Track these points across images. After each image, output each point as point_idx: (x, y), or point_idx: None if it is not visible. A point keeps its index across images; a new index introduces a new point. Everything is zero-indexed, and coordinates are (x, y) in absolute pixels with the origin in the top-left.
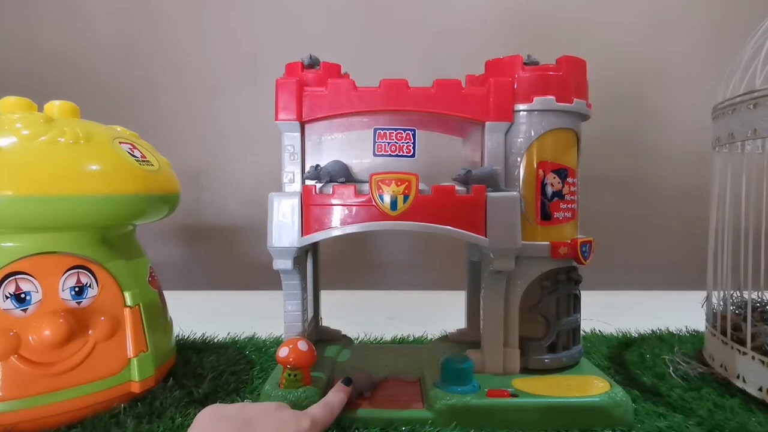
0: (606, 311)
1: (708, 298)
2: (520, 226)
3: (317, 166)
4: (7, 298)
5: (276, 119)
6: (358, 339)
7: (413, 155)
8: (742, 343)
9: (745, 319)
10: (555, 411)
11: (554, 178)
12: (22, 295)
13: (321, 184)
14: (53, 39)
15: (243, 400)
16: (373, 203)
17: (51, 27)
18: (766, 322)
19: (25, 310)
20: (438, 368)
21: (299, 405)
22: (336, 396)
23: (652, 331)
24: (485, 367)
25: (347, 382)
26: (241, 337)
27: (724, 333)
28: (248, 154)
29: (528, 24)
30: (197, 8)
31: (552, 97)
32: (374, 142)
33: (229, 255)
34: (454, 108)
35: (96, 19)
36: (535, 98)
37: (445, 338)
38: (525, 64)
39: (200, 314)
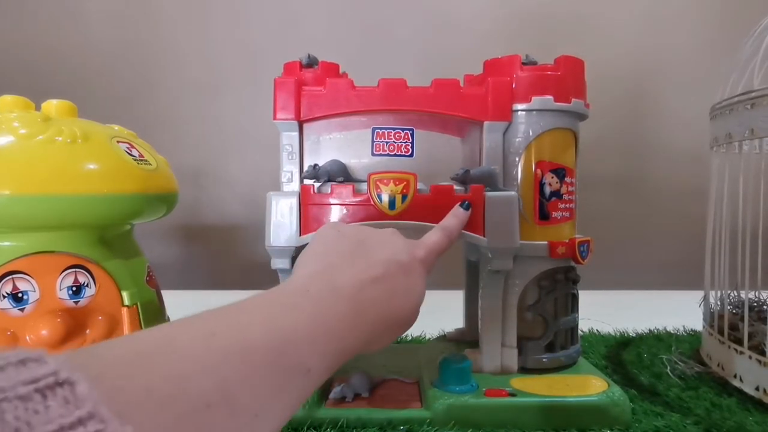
0: (604, 311)
1: (705, 298)
2: (518, 225)
3: (315, 165)
4: (4, 297)
5: (274, 118)
6: None
7: (411, 155)
8: (740, 342)
9: (742, 319)
10: (553, 410)
11: (552, 177)
12: (20, 295)
13: (319, 184)
14: (51, 37)
15: None
16: (372, 203)
17: (49, 25)
18: (763, 321)
19: (22, 310)
20: (436, 368)
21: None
22: (452, 220)
23: (650, 330)
24: (483, 367)
25: (466, 206)
26: None
27: (721, 332)
28: (247, 154)
29: (526, 24)
30: (196, 7)
31: (550, 97)
32: (372, 141)
33: (227, 254)
34: (452, 108)
35: (94, 17)
36: (534, 98)
37: (443, 338)
38: (523, 63)
39: None
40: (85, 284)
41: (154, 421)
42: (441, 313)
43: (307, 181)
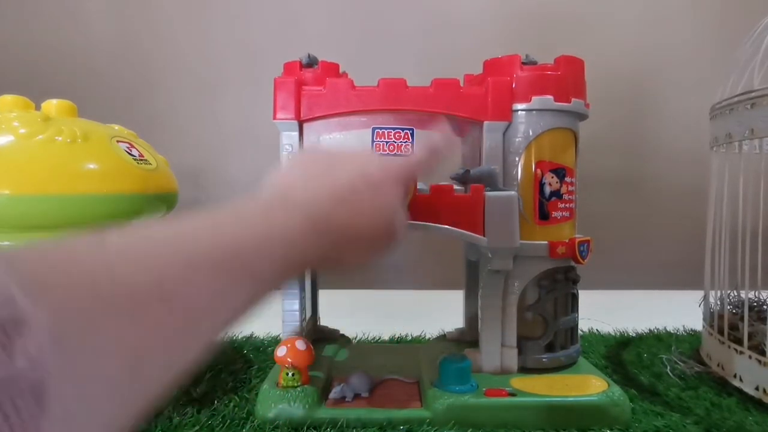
0: (604, 311)
1: (705, 298)
2: (518, 225)
3: None
4: None
5: (274, 118)
6: (356, 338)
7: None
8: (739, 342)
9: (742, 319)
10: (553, 410)
11: (552, 177)
12: None
13: None
14: (51, 37)
15: (241, 400)
16: None
17: (48, 25)
18: (763, 321)
19: None
20: (436, 368)
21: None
22: (440, 139)
23: (650, 330)
24: (483, 367)
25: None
26: (239, 337)
27: (721, 332)
28: (247, 154)
29: (526, 24)
30: (196, 7)
31: (550, 97)
32: (372, 141)
33: None
34: (452, 107)
35: (94, 17)
36: (534, 98)
37: (443, 338)
38: (523, 63)
39: None
40: None
41: (76, 307)
42: (441, 313)
43: None
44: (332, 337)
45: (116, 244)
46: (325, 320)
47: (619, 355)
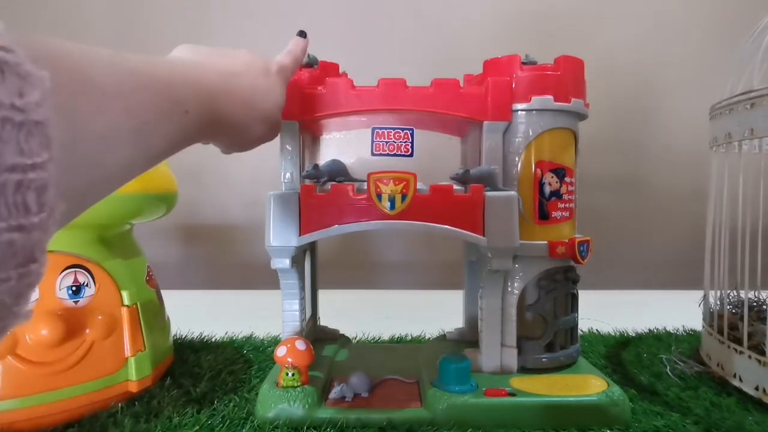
0: (603, 310)
1: (705, 298)
2: (518, 225)
3: (315, 165)
4: None
5: None
6: (356, 338)
7: (411, 154)
8: (739, 342)
9: (741, 319)
10: (552, 410)
11: (552, 177)
12: None
13: (319, 184)
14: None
15: (241, 400)
16: (371, 202)
17: (48, 25)
18: (763, 321)
19: None
20: (436, 368)
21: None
22: (295, 44)
23: (650, 330)
24: (483, 367)
25: (302, 34)
26: (239, 337)
27: (720, 332)
28: (246, 154)
29: (526, 24)
30: (196, 7)
31: (550, 97)
32: (372, 141)
33: (227, 254)
34: (452, 107)
35: (95, 17)
36: (533, 98)
37: (443, 337)
38: (523, 63)
39: (198, 313)
40: (85, 284)
41: (68, 77)
42: (441, 313)
43: (307, 181)
44: (332, 337)
45: (87, 54)
46: (325, 320)
47: (619, 354)
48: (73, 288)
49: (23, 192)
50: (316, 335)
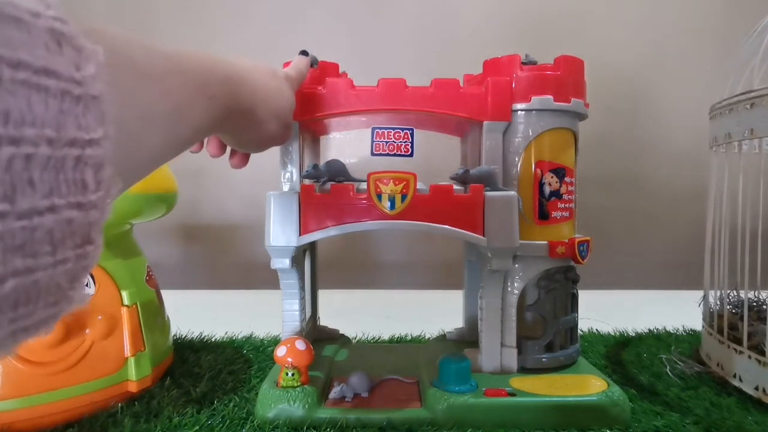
0: (603, 310)
1: (705, 298)
2: (517, 225)
3: (315, 165)
4: None
5: None
6: (355, 338)
7: (411, 154)
8: (739, 342)
9: (741, 318)
10: (552, 410)
11: (552, 177)
12: None
13: (319, 184)
14: None
15: (241, 400)
16: (372, 202)
17: None
18: (763, 321)
19: None
20: (436, 368)
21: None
22: (299, 60)
23: (649, 330)
24: (483, 367)
25: (305, 53)
26: (239, 337)
27: (720, 332)
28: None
29: (526, 24)
30: (196, 7)
31: (550, 97)
32: (372, 141)
33: (227, 254)
34: (452, 107)
35: (94, 17)
36: (533, 98)
37: (442, 337)
38: (523, 63)
39: (198, 313)
40: (85, 284)
41: (119, 53)
42: (441, 313)
43: (307, 181)
44: (332, 337)
45: (123, 35)
46: (325, 320)
47: (619, 354)
48: None
49: (81, 168)
50: (316, 335)
